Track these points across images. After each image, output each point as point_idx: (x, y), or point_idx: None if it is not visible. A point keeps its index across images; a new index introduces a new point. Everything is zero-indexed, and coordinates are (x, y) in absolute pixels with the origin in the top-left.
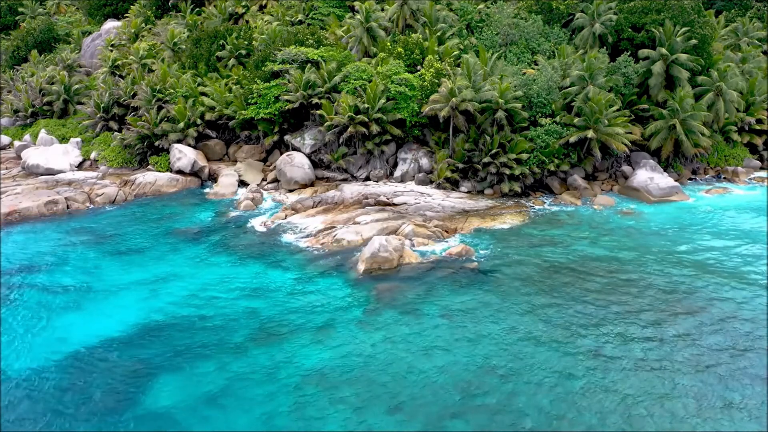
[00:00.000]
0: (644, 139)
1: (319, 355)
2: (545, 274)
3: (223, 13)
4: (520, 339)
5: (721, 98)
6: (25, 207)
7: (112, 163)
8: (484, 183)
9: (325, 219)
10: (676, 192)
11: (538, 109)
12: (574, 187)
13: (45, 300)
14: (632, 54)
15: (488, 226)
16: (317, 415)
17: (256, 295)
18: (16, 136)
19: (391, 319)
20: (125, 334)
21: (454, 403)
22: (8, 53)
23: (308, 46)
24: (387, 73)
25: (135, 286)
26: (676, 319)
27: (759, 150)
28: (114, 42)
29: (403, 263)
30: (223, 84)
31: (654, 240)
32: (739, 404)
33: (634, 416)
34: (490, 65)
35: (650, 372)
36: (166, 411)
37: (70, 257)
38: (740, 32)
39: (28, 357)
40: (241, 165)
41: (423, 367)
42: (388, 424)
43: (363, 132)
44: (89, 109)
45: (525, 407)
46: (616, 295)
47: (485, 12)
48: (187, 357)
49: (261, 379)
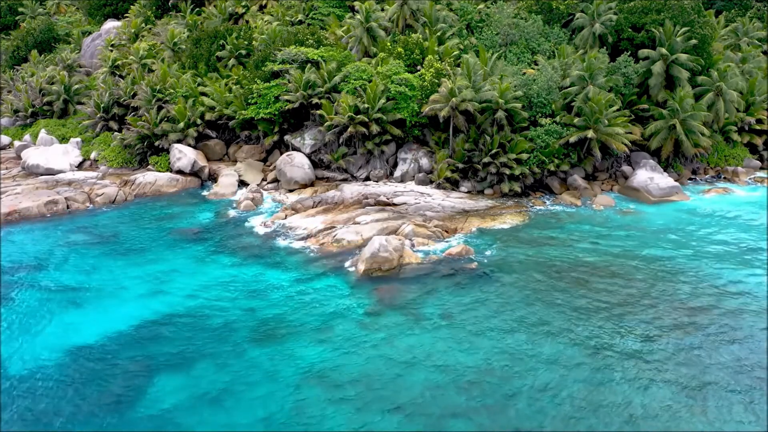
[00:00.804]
0: (644, 139)
1: (319, 355)
2: (545, 275)
3: (223, 13)
4: (520, 339)
5: (721, 98)
6: (25, 207)
7: (112, 163)
8: (484, 183)
9: (325, 219)
10: (676, 192)
11: (538, 109)
12: (574, 187)
13: (45, 300)
14: (632, 54)
15: (488, 226)
16: (317, 415)
17: (256, 295)
18: (16, 136)
19: (392, 319)
20: (125, 334)
21: (455, 404)
22: (8, 53)
23: (308, 46)
24: (387, 73)
25: (135, 285)
26: (677, 320)
27: (759, 150)
28: (114, 42)
29: (403, 263)
30: (223, 84)
31: (654, 240)
32: (740, 402)
33: (634, 416)
34: (490, 65)
35: (651, 372)
36: (166, 411)
37: (70, 257)
38: (740, 32)
39: (28, 356)
40: (241, 165)
41: (423, 368)
42: (389, 424)
43: (363, 132)
44: (89, 109)
45: (525, 407)
46: (617, 295)
47: (485, 12)
48: (188, 357)
49: (261, 379)
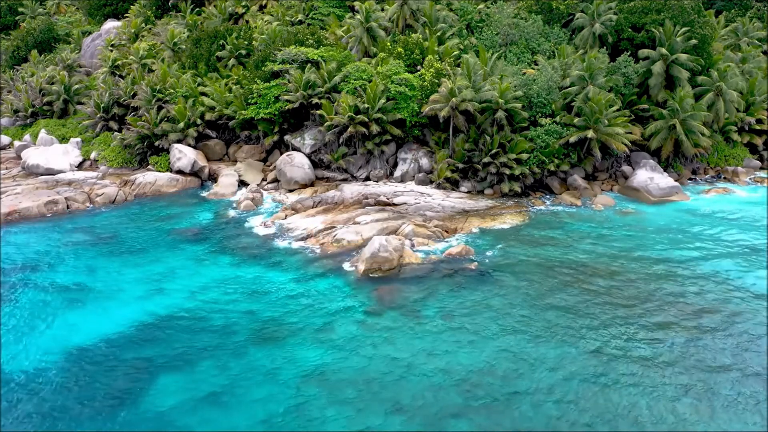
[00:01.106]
0: (644, 139)
1: (319, 355)
2: (545, 275)
3: (223, 13)
4: (521, 339)
5: (721, 98)
6: (25, 207)
7: (112, 163)
8: (484, 183)
9: (325, 219)
10: (676, 192)
11: (538, 109)
12: (574, 187)
13: (45, 300)
14: (632, 54)
15: (488, 226)
16: (318, 415)
17: (256, 295)
18: (16, 136)
19: (392, 319)
20: (125, 334)
21: (455, 404)
22: (8, 53)
23: (308, 46)
24: (387, 73)
25: (135, 286)
26: (679, 320)
27: (759, 150)
28: (114, 42)
29: (403, 263)
30: (223, 84)
31: (654, 240)
32: (740, 400)
33: (636, 416)
34: (490, 65)
35: (652, 372)
36: (166, 411)
37: (70, 257)
38: (740, 32)
39: (29, 356)
40: (241, 165)
41: (423, 368)
42: (389, 425)
43: (363, 132)
44: (89, 109)
45: (525, 407)
46: (617, 295)
47: (485, 12)
48: (188, 357)
49: (261, 379)
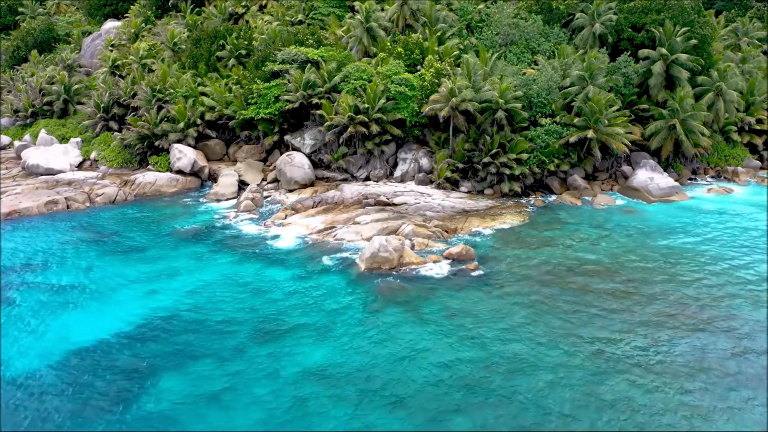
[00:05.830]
0: (644, 139)
1: (320, 353)
2: (545, 275)
3: (223, 13)
4: (521, 338)
5: (721, 98)
6: (25, 207)
7: (112, 163)
8: (484, 183)
9: (325, 219)
10: (676, 192)
11: (538, 109)
12: (574, 187)
13: (45, 299)
14: (632, 54)
15: (488, 226)
16: (319, 412)
17: (256, 294)
18: (16, 136)
19: (392, 318)
20: (125, 333)
21: (456, 401)
22: (8, 53)
23: (308, 46)
24: (387, 73)
25: (135, 285)
26: (679, 320)
27: (759, 150)
28: (114, 42)
29: (403, 263)
30: (223, 84)
31: (654, 240)
32: (740, 400)
33: (636, 415)
34: (490, 65)
35: (653, 372)
36: (166, 410)
37: (70, 257)
38: (740, 32)
39: (29, 356)
40: (241, 165)
41: (423, 366)
42: (390, 421)
43: (363, 132)
44: (89, 109)
45: (526, 406)
46: (617, 295)
47: (485, 12)
48: (188, 356)
49: (262, 377)
